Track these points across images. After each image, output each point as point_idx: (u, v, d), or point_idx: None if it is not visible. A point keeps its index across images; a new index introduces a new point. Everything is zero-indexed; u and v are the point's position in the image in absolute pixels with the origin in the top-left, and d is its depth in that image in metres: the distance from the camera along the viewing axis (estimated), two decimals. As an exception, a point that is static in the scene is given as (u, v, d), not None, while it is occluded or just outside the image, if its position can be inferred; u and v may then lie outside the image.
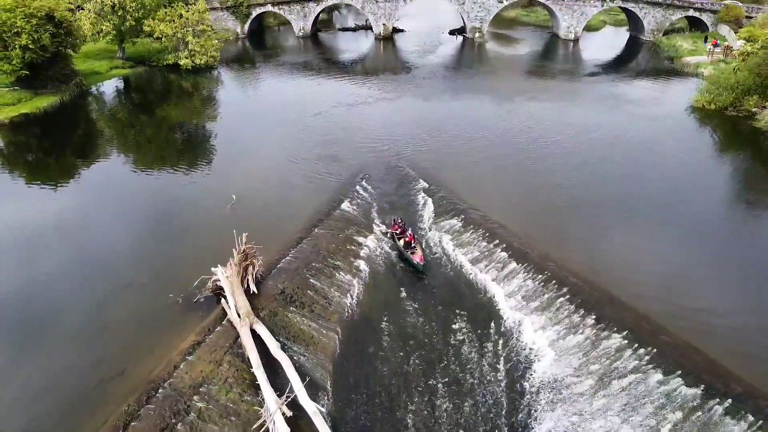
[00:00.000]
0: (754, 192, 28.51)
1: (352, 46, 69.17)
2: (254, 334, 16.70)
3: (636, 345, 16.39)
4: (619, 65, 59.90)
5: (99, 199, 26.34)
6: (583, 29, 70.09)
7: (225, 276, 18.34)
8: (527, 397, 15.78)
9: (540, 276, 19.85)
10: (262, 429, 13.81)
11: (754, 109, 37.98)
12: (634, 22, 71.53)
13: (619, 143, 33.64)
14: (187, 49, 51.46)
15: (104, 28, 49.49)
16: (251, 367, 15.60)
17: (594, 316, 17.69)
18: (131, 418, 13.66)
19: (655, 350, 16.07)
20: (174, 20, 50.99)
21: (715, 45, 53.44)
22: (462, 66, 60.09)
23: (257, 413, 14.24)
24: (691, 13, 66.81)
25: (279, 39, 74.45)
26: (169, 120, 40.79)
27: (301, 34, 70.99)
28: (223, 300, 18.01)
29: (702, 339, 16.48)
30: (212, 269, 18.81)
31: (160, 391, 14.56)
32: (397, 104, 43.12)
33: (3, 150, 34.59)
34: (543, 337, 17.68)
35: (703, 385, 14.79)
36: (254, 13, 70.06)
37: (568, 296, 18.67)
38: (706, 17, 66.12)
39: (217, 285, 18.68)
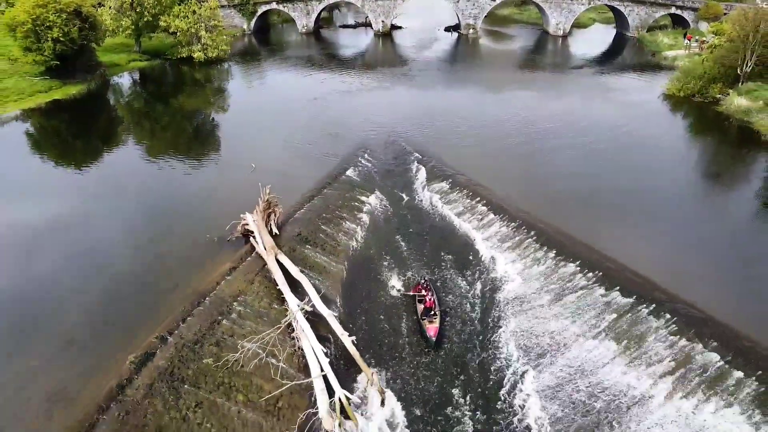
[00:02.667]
0: (706, 158, 32.75)
1: (353, 42, 73.15)
2: (278, 263, 20.62)
3: (586, 270, 20.37)
4: (604, 59, 63.91)
5: (134, 172, 29.94)
6: (573, 26, 74.14)
7: (252, 219, 22.29)
8: (497, 308, 19.76)
9: (513, 224, 23.85)
10: (287, 324, 17.73)
11: (718, 96, 41.99)
12: (620, 19, 75.57)
13: (595, 124, 37.62)
14: (200, 43, 55.44)
15: (123, 23, 53.40)
16: (277, 285, 19.55)
17: (555, 251, 21.68)
18: (187, 315, 17.58)
19: (600, 273, 20.05)
20: (188, 16, 54.95)
21: (690, 39, 57.47)
22: (456, 60, 64.10)
23: (284, 314, 18.20)
24: (673, 10, 70.88)
25: (283, 35, 78.33)
26: (187, 107, 44.78)
27: (303, 30, 74.93)
28: (251, 238, 21.96)
29: (638, 263, 20.43)
30: (241, 215, 22.72)
31: (206, 299, 18.46)
32: (394, 92, 47.15)
33: (49, 130, 38.42)
34: (512, 267, 21.67)
35: (635, 296, 18.76)
36: (260, 11, 73.97)
37: (535, 237, 22.67)
38: (687, 14, 70.18)
39: (245, 228, 22.58)
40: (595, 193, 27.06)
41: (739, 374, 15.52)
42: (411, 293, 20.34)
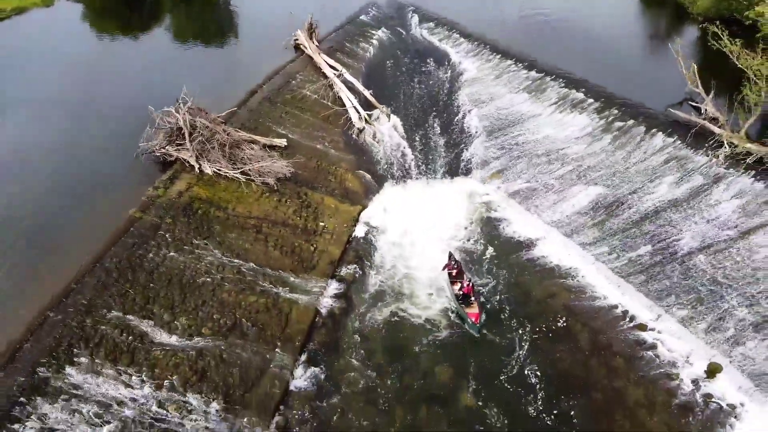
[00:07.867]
0: (635, 13, 43.56)
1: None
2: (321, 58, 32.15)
3: (519, 64, 31.90)
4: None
5: (207, 23, 40.95)
6: None
7: (301, 34, 33.59)
8: (458, 83, 31.64)
9: (477, 42, 35.24)
10: (329, 85, 29.53)
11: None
12: None
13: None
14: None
15: None
16: (321, 69, 31.22)
17: (500, 55, 33.19)
18: (270, 78, 29.26)
19: (526, 63, 31.62)
20: None
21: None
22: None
23: (327, 79, 30.01)
24: None
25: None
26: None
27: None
28: (301, 46, 33.34)
29: (552, 59, 31.81)
30: (293, 33, 33.95)
31: (280, 73, 30.10)
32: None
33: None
34: (473, 65, 33.28)
35: (544, 72, 30.38)
36: None
37: (489, 48, 34.13)
38: None
39: (296, 42, 33.84)
40: (539, 29, 38.05)
41: (590, 100, 27.35)
42: (444, 269, 19.59)
